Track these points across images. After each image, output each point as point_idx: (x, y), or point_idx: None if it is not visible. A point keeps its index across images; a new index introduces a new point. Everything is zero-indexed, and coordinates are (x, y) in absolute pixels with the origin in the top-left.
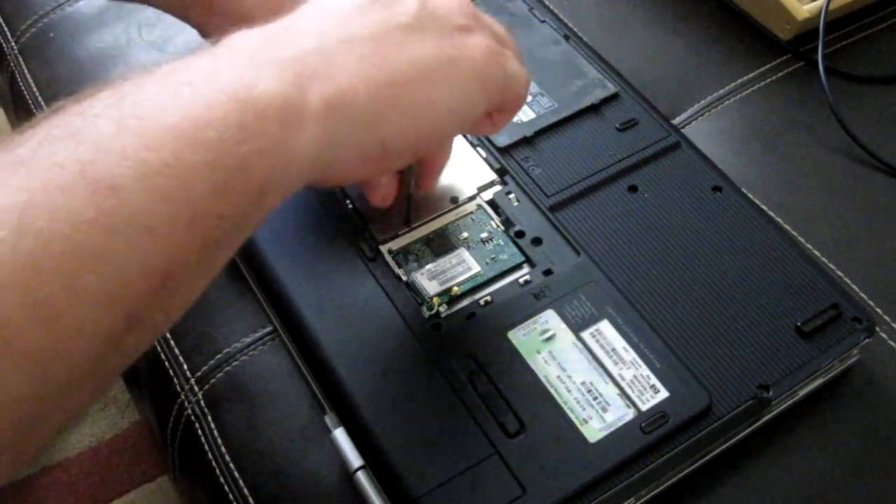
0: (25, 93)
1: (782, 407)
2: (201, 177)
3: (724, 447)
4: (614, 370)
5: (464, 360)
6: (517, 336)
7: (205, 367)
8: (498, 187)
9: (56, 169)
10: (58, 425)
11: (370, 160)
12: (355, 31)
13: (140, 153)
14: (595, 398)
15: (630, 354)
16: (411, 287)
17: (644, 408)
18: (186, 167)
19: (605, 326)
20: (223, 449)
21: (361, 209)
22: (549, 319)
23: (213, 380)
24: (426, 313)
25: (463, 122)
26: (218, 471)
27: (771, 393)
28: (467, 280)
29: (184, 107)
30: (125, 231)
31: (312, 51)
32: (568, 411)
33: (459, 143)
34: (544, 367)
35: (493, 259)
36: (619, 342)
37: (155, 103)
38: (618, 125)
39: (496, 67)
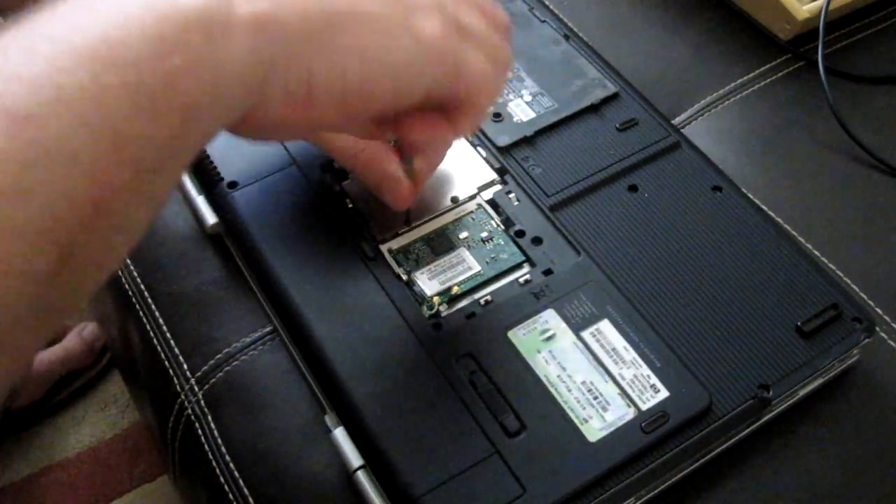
0: None
1: (782, 407)
2: (121, 97)
3: (724, 447)
4: (614, 370)
5: (464, 360)
6: (517, 336)
7: (205, 367)
8: (498, 187)
9: None
10: (4, 368)
11: (294, 99)
12: None
13: (53, 78)
14: (595, 398)
15: (630, 354)
16: (411, 286)
17: (644, 407)
18: (104, 88)
19: (605, 326)
20: (223, 449)
21: (361, 209)
22: (550, 319)
23: (213, 380)
24: (426, 313)
25: (396, 87)
26: (218, 471)
27: (771, 393)
28: (467, 279)
29: (98, 24)
30: (45, 161)
31: None
32: (568, 411)
33: (459, 143)
34: (544, 367)
35: (493, 258)
36: (619, 342)
37: (67, 24)
38: (618, 125)
39: (447, 40)
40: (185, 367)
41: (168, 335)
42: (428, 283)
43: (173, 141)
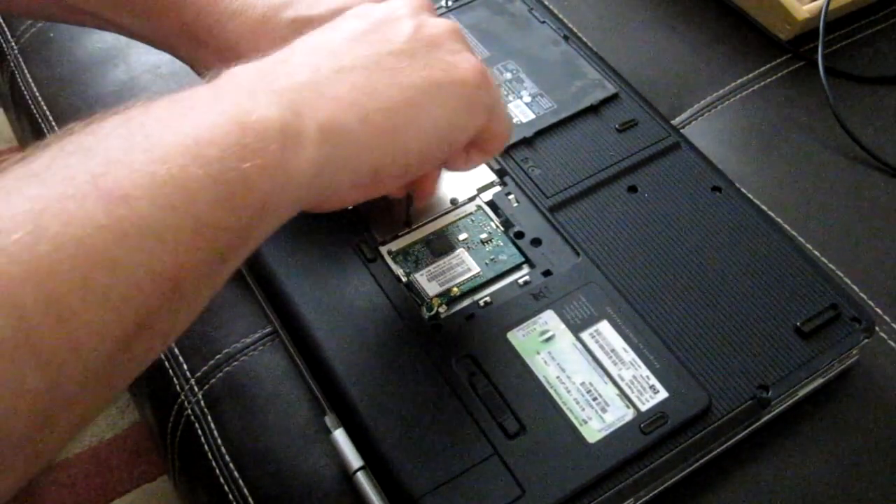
0: (25, 93)
1: (782, 407)
2: (205, 189)
3: (723, 447)
4: (614, 371)
5: (463, 361)
6: (517, 337)
7: (205, 367)
8: (497, 188)
9: (69, 181)
10: (70, 426)
11: (361, 185)
12: (346, 62)
13: (148, 166)
14: (594, 399)
15: (629, 355)
16: (411, 288)
17: (643, 408)
18: (191, 179)
19: (604, 327)
20: (223, 449)
21: (361, 210)
22: (549, 320)
23: (213, 380)
24: (426, 314)
25: (451, 145)
26: (218, 471)
27: (770, 393)
28: (467, 281)
29: (188, 126)
30: (135, 237)
31: (307, 82)
32: (567, 412)
33: None
34: (544, 368)
35: (492, 260)
36: (618, 343)
37: (161, 124)
38: (617, 125)
39: (484, 88)
40: (185, 367)
41: None
42: (427, 284)
43: (246, 232)
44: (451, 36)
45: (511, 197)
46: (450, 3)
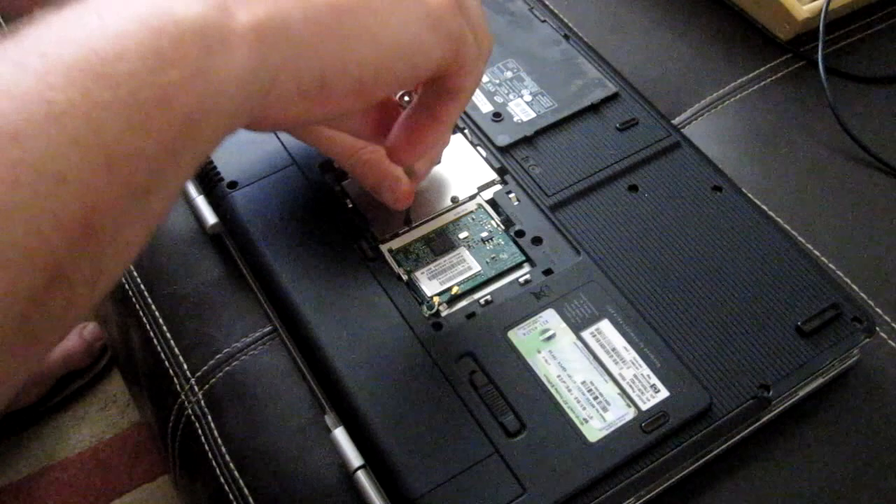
0: None
1: (782, 407)
2: (115, 114)
3: (724, 447)
4: (614, 370)
5: (464, 360)
6: (517, 335)
7: (205, 367)
8: (498, 187)
9: None
10: None
11: (309, 96)
12: None
13: (43, 94)
14: (595, 398)
15: (630, 354)
16: (411, 286)
17: (644, 407)
18: (96, 105)
19: (605, 326)
20: (223, 449)
21: (361, 209)
22: (550, 319)
23: (213, 380)
24: (426, 313)
25: (411, 66)
26: (218, 471)
27: (771, 393)
28: (467, 279)
29: (91, 39)
30: (32, 181)
31: None
32: (568, 411)
33: (459, 143)
34: (544, 367)
35: (493, 258)
36: (619, 341)
37: (59, 39)
38: (618, 125)
39: (454, 14)
40: (185, 367)
41: (168, 335)
42: (428, 283)
43: (168, 157)
44: None
45: (512, 195)
46: None
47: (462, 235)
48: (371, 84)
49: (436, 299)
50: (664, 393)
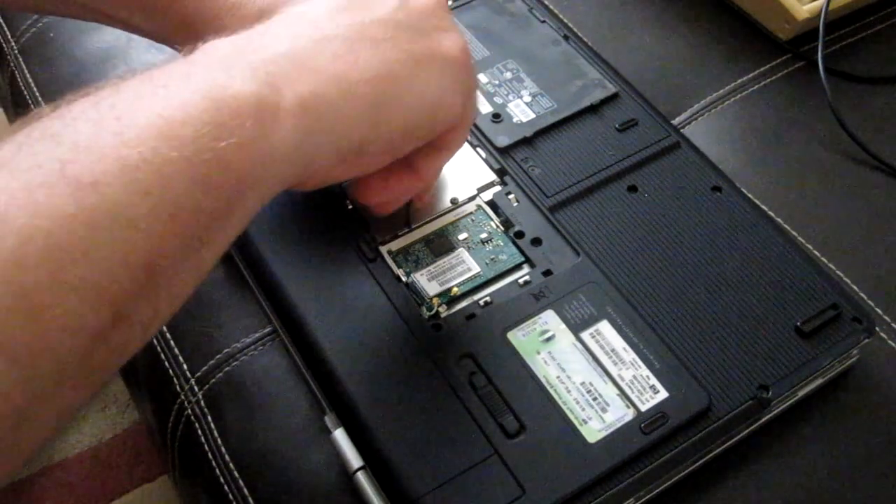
0: (25, 93)
1: (782, 407)
2: (180, 171)
3: (723, 447)
4: (614, 370)
5: (463, 361)
6: (517, 336)
7: (205, 367)
8: (497, 188)
9: (36, 169)
10: (49, 424)
11: (347, 159)
12: (328, 32)
13: (118, 150)
14: (595, 398)
15: (630, 355)
16: (411, 288)
17: (644, 408)
18: (164, 162)
19: (604, 327)
20: (223, 449)
21: (361, 210)
22: (549, 320)
23: (213, 380)
24: (426, 314)
25: (436, 123)
26: (218, 471)
27: (770, 393)
28: (467, 281)
29: (159, 106)
30: (107, 225)
31: (285, 53)
32: (567, 412)
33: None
34: (544, 368)
35: (492, 259)
36: (618, 342)
37: (131, 105)
38: (618, 125)
39: (468, 65)
40: (185, 367)
41: (168, 335)
42: (427, 284)
43: (226, 213)
44: (438, 10)
45: (511, 196)
46: (449, 3)
47: (462, 236)
48: (401, 143)
49: (435, 300)
50: (663, 394)
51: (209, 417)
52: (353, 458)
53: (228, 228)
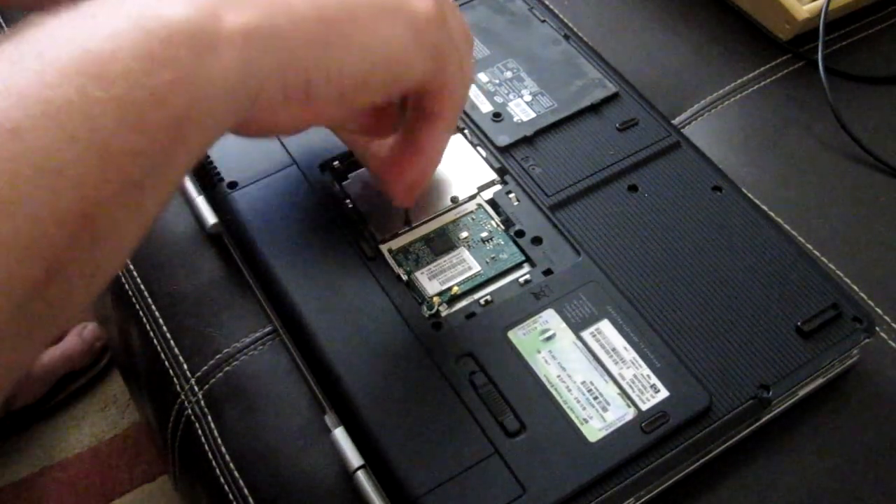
0: None
1: (782, 407)
2: (110, 112)
3: (724, 447)
4: (614, 370)
5: (464, 360)
6: (517, 336)
7: (205, 367)
8: (498, 187)
9: None
10: None
11: (294, 101)
12: None
13: (41, 91)
14: (595, 398)
15: (630, 354)
16: (411, 286)
17: (644, 407)
18: (92, 102)
19: (605, 326)
20: (223, 449)
21: (361, 209)
22: (549, 319)
23: (213, 380)
24: (426, 313)
25: (393, 76)
26: (218, 471)
27: (771, 393)
28: (467, 280)
29: (85, 39)
30: (31, 175)
31: None
32: (568, 411)
33: (459, 143)
34: (544, 367)
35: (493, 258)
36: (619, 342)
37: (56, 39)
38: (618, 125)
39: (439, 28)
40: (185, 367)
41: (168, 335)
42: (428, 283)
43: (162, 155)
44: None
45: (511, 195)
46: None
47: (462, 235)
48: (353, 92)
49: (436, 299)
50: (664, 393)
51: (209, 417)
52: (353, 458)
53: (171, 171)
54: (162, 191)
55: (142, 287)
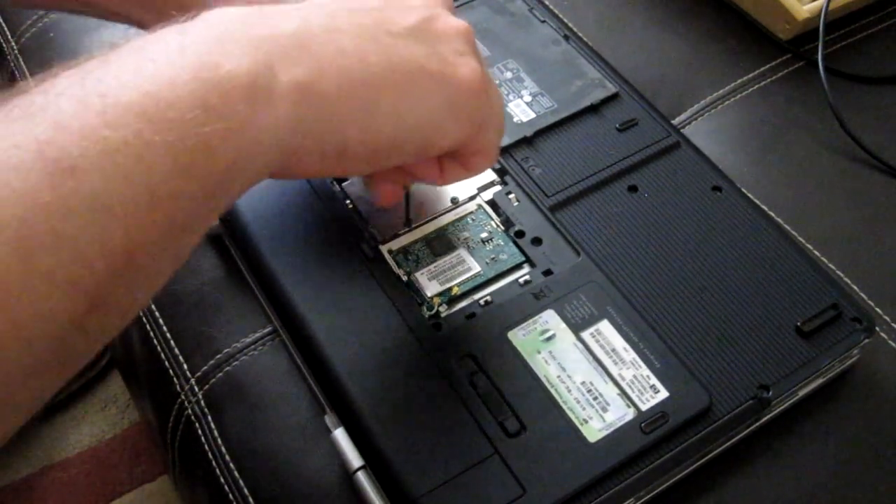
0: None
1: (782, 407)
2: (163, 156)
3: (724, 447)
4: (614, 370)
5: (464, 361)
6: (517, 336)
7: (205, 367)
8: (498, 187)
9: (12, 150)
10: (25, 409)
11: (327, 158)
12: (341, 24)
13: (99, 131)
14: (595, 398)
15: (630, 354)
16: (411, 287)
17: (644, 408)
18: (147, 146)
19: (605, 326)
20: (223, 449)
21: (361, 209)
22: (549, 319)
23: (213, 380)
24: (426, 313)
25: (426, 146)
26: (218, 471)
27: (771, 393)
28: (467, 280)
29: (146, 84)
30: (83, 212)
31: (291, 34)
32: (568, 411)
33: None
34: (544, 367)
35: (493, 259)
36: (619, 342)
37: (117, 80)
38: (618, 125)
39: (480, 98)
40: (185, 367)
41: (168, 335)
42: (428, 283)
43: (208, 200)
44: (461, 37)
45: (511, 196)
46: None
47: (462, 236)
48: (385, 154)
49: (436, 300)
50: (664, 393)
51: (209, 417)
52: (353, 458)
53: (210, 214)
54: (200, 232)
55: None
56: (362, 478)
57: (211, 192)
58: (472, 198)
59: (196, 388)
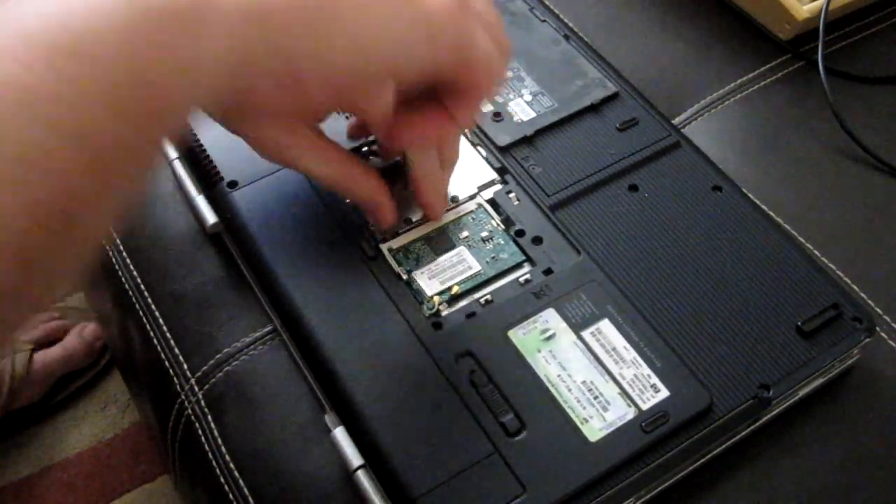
0: None
1: (783, 406)
2: (90, 95)
3: (724, 446)
4: (615, 369)
5: (464, 360)
6: (517, 335)
7: (205, 367)
8: (498, 186)
9: None
10: None
11: (284, 88)
12: None
13: (16, 73)
14: (595, 397)
15: (630, 353)
16: (411, 286)
17: (644, 407)
18: (71, 85)
19: (605, 325)
20: (223, 449)
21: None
22: (550, 318)
23: (213, 380)
24: (426, 312)
25: (394, 70)
26: (218, 471)
27: (771, 392)
28: (467, 279)
29: (68, 13)
30: (2, 167)
31: None
32: (568, 410)
33: (460, 142)
34: (545, 367)
35: (493, 258)
36: (619, 341)
37: (35, 12)
38: (618, 125)
39: (452, 25)
40: (185, 367)
41: (168, 335)
42: (428, 282)
43: (145, 140)
44: None
45: (512, 195)
46: None
47: (462, 235)
48: (347, 83)
49: (436, 299)
50: (664, 393)
51: (209, 417)
52: (353, 457)
53: (149, 155)
54: (141, 175)
55: (142, 287)
56: (362, 477)
57: (148, 130)
58: (472, 197)
59: (196, 388)
